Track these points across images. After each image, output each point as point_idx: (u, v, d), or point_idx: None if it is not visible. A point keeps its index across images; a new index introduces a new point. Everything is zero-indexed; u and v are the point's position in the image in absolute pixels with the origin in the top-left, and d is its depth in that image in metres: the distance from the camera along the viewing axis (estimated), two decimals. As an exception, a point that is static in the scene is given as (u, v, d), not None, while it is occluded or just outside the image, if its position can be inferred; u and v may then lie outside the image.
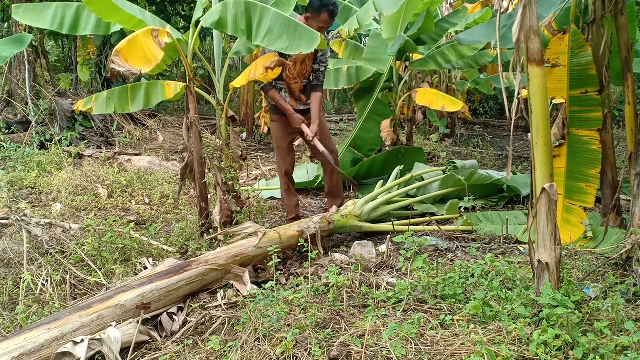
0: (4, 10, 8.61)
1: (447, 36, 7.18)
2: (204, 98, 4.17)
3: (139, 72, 3.24)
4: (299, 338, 2.25)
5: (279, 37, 3.37)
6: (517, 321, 2.22)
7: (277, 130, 4.26)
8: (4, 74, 7.95)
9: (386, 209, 4.51)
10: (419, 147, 6.75)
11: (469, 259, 3.43)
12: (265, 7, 3.47)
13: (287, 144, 4.27)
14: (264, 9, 3.46)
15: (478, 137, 9.10)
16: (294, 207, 4.34)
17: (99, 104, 3.90)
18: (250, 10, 3.45)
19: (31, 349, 2.29)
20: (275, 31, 3.39)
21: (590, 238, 3.71)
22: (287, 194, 4.37)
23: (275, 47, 3.39)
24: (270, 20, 3.42)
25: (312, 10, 3.90)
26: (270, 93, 4.07)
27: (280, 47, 3.39)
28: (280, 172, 4.32)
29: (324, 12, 3.89)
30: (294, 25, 3.38)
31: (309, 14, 3.92)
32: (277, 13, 3.44)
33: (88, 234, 3.76)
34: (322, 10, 3.87)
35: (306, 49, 3.29)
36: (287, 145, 4.27)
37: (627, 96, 3.49)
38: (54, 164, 6.21)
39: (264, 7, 3.46)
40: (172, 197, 5.16)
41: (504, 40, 3.36)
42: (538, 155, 2.33)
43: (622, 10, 3.53)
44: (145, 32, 3.37)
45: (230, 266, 3.16)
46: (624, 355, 1.97)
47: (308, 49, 3.30)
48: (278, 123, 4.23)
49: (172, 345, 2.58)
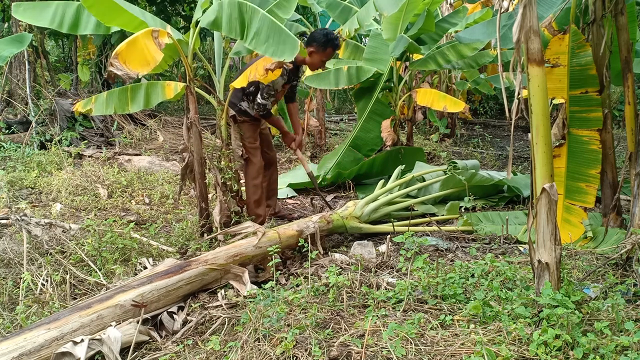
0: (4, 10, 8.61)
1: (447, 36, 7.18)
2: (204, 98, 4.17)
3: (137, 76, 3.24)
4: (299, 338, 2.25)
5: (265, 40, 3.33)
6: (517, 321, 2.22)
7: (249, 130, 4.22)
8: (4, 74, 7.95)
9: (387, 210, 4.51)
10: (419, 147, 6.76)
11: (469, 259, 3.43)
12: (256, 9, 3.42)
13: (258, 144, 4.31)
14: (254, 10, 3.42)
15: (478, 137, 9.10)
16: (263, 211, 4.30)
17: (99, 104, 3.89)
18: (243, 11, 3.44)
19: (31, 349, 2.29)
20: (262, 34, 3.35)
21: (590, 238, 3.71)
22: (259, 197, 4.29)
23: (261, 50, 3.36)
24: (258, 22, 3.38)
25: (316, 44, 3.96)
26: (272, 118, 4.31)
27: (266, 51, 3.34)
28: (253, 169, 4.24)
29: (329, 48, 3.99)
30: (279, 30, 3.33)
31: (312, 48, 3.97)
32: (265, 15, 3.39)
33: (88, 234, 3.76)
34: (327, 45, 3.97)
35: (289, 56, 3.24)
36: (259, 145, 4.31)
37: (627, 96, 3.49)
38: (54, 164, 6.20)
39: (254, 9, 3.42)
40: (172, 197, 5.16)
41: (504, 40, 3.36)
42: (538, 155, 2.33)
43: (622, 10, 3.53)
44: (145, 33, 3.37)
45: (229, 266, 3.16)
46: (624, 355, 1.97)
47: (290, 56, 3.24)
48: (249, 124, 4.21)
49: (172, 345, 2.58)
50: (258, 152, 4.30)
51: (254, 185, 4.27)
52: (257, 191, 4.28)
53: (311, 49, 3.97)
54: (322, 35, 3.96)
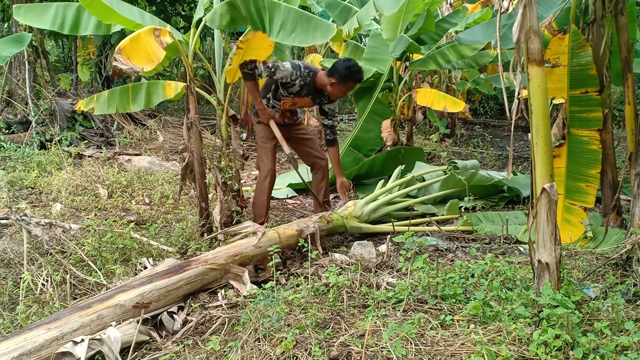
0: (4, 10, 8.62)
1: (447, 36, 7.18)
2: (204, 98, 4.17)
3: (142, 70, 3.24)
4: (299, 338, 2.25)
5: (292, 31, 3.39)
6: (517, 321, 2.22)
7: (263, 131, 4.24)
8: (4, 74, 7.95)
9: (386, 210, 4.51)
10: (419, 147, 6.76)
11: (469, 259, 3.43)
12: (275, 2, 3.46)
13: (272, 145, 4.26)
14: (274, 4, 3.45)
15: (478, 137, 9.11)
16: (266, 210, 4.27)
17: (101, 103, 3.90)
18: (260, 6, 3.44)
19: (31, 349, 2.29)
20: (288, 25, 3.40)
21: (590, 238, 3.71)
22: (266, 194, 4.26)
23: (289, 41, 3.40)
24: (282, 15, 3.43)
25: (338, 76, 3.93)
26: (250, 82, 3.94)
27: (294, 41, 3.39)
28: (264, 170, 4.23)
29: (350, 82, 4.00)
30: (307, 18, 3.38)
31: (334, 79, 3.95)
32: (288, 7, 3.45)
33: (88, 234, 3.76)
34: (348, 80, 3.96)
35: (320, 40, 3.33)
36: (271, 146, 4.26)
37: (627, 96, 3.49)
38: (54, 164, 6.20)
39: (273, 2, 3.45)
40: (172, 197, 5.16)
41: (504, 40, 3.36)
42: (538, 155, 2.33)
43: (622, 10, 3.53)
44: (147, 31, 3.37)
45: (229, 266, 3.16)
46: (624, 355, 1.97)
47: (322, 40, 3.34)
48: (262, 124, 4.22)
49: (172, 345, 2.58)
50: (270, 153, 4.24)
51: (261, 186, 4.25)
52: (263, 192, 4.24)
53: (332, 79, 3.95)
54: (344, 68, 3.91)
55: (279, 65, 3.90)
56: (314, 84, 4.05)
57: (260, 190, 4.25)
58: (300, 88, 4.03)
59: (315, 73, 4.03)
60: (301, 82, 4.00)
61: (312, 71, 4.03)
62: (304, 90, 4.06)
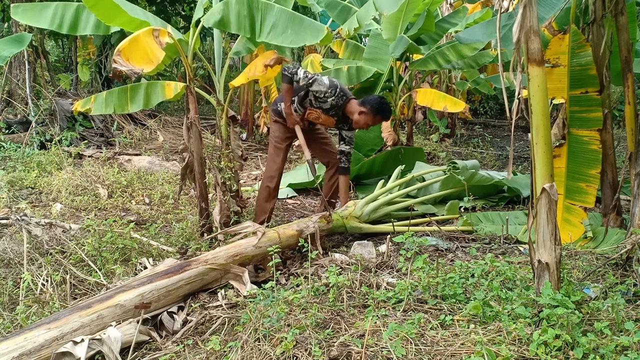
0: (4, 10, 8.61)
1: (447, 36, 7.18)
2: (204, 98, 4.17)
3: (141, 71, 3.24)
4: (299, 338, 2.24)
5: (282, 32, 3.42)
6: (517, 321, 2.22)
7: (278, 130, 4.32)
8: (4, 74, 7.95)
9: (387, 210, 4.51)
10: (419, 147, 6.76)
11: (469, 259, 3.43)
12: (269, 4, 3.49)
13: (285, 145, 4.32)
14: (267, 5, 3.49)
15: (478, 137, 9.11)
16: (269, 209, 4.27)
17: (98, 104, 3.89)
18: (253, 7, 3.47)
19: (31, 349, 2.29)
20: (279, 27, 3.44)
21: (590, 238, 3.71)
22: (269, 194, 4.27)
23: (278, 42, 3.43)
24: (274, 16, 3.47)
25: (370, 108, 4.01)
26: (286, 85, 3.99)
27: (283, 42, 3.42)
28: (271, 169, 4.26)
29: (378, 116, 4.08)
30: (299, 20, 3.41)
31: (364, 109, 4.02)
32: (281, 9, 3.49)
33: (88, 234, 3.76)
34: (377, 114, 4.05)
35: (310, 41, 3.36)
36: (284, 146, 4.32)
37: (627, 96, 3.49)
38: (54, 164, 6.20)
39: (266, 4, 3.49)
40: (172, 197, 5.16)
41: (504, 40, 3.36)
42: (538, 155, 2.33)
43: (622, 10, 3.53)
44: (146, 32, 3.37)
45: (229, 266, 3.16)
46: (624, 355, 1.97)
47: (314, 40, 3.37)
48: (280, 124, 4.29)
49: (172, 345, 2.58)
50: (282, 153, 4.29)
51: (266, 186, 4.26)
52: (266, 191, 4.25)
53: (363, 109, 4.02)
54: (378, 103, 4.02)
55: (318, 78, 3.95)
56: (344, 109, 4.12)
57: (263, 190, 4.27)
58: (330, 106, 4.09)
59: (348, 99, 4.11)
60: (333, 102, 4.06)
61: (345, 95, 4.10)
62: (332, 110, 4.12)
